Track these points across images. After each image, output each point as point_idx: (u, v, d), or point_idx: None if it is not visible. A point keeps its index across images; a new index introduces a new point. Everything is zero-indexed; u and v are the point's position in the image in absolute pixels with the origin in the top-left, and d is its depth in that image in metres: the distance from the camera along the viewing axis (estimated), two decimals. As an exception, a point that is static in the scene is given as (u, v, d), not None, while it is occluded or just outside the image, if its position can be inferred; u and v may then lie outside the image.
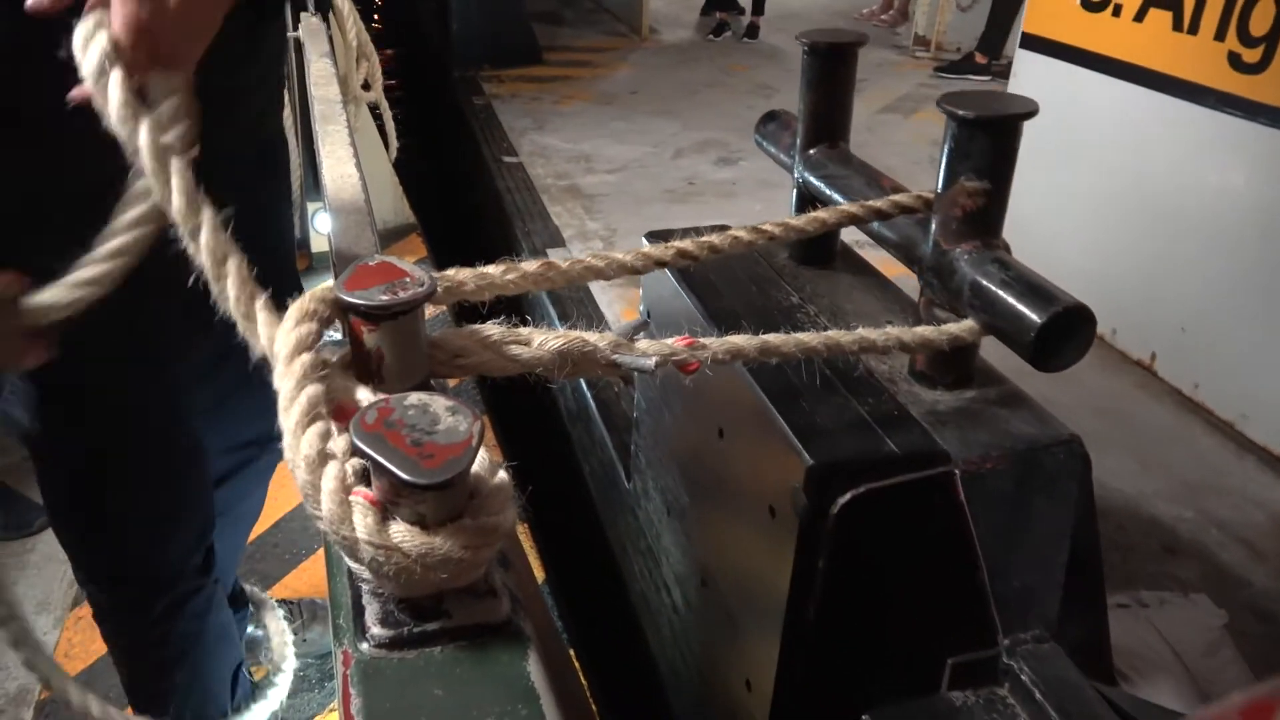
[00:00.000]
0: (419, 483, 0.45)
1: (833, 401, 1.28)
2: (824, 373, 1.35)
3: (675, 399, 1.68)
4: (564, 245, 3.43)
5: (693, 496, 1.65)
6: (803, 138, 1.61)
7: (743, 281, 1.62)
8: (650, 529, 1.93)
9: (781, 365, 1.37)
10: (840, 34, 1.55)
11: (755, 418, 1.32)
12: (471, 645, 0.52)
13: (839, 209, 1.31)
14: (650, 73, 5.90)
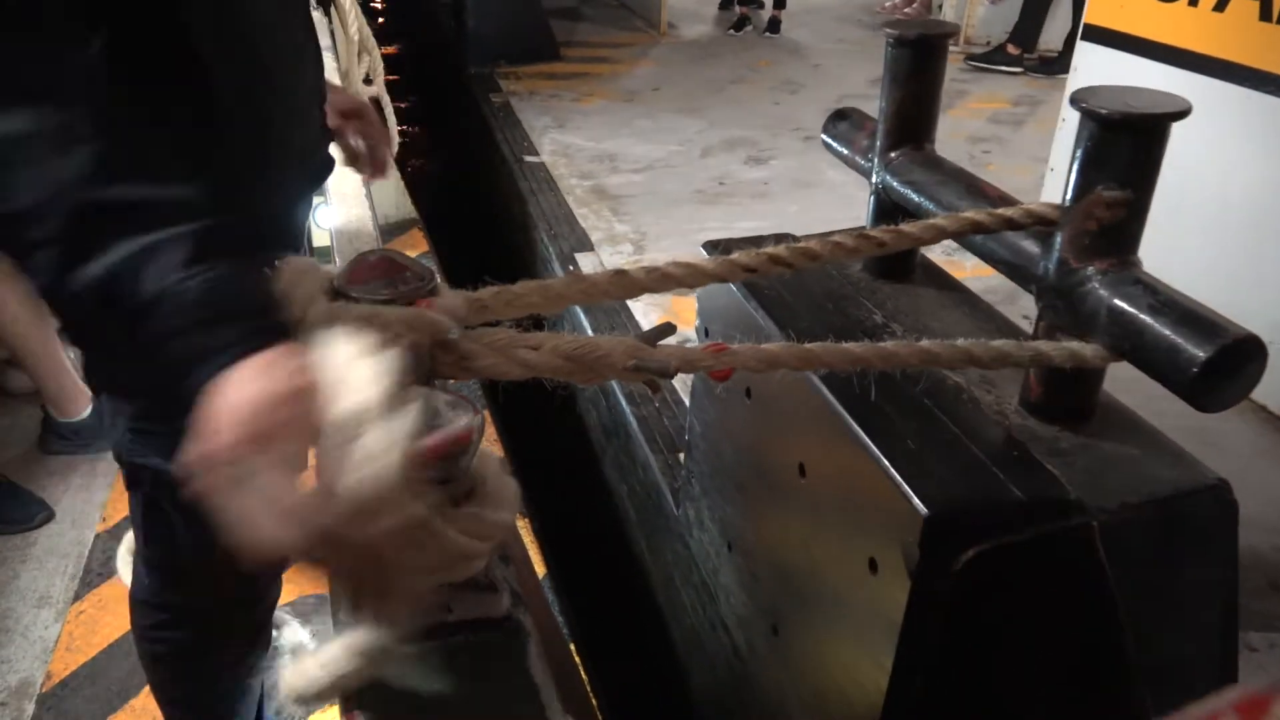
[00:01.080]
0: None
1: (939, 437, 1.12)
2: (923, 403, 1.20)
3: (740, 425, 1.54)
4: (592, 249, 3.29)
5: (762, 535, 1.51)
6: (883, 139, 1.46)
7: (818, 298, 1.48)
8: (705, 562, 1.78)
9: (870, 394, 1.22)
10: (931, 24, 1.40)
11: (848, 455, 1.17)
12: (472, 639, 0.52)
13: (933, 223, 1.15)
14: (672, 69, 5.74)
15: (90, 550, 2.11)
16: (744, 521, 1.57)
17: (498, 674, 0.52)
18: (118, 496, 2.25)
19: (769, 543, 1.49)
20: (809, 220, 3.47)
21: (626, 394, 2.44)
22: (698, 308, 1.72)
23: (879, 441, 1.11)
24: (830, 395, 1.23)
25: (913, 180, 1.40)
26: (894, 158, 1.44)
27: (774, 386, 1.40)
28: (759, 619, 1.54)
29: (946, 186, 1.34)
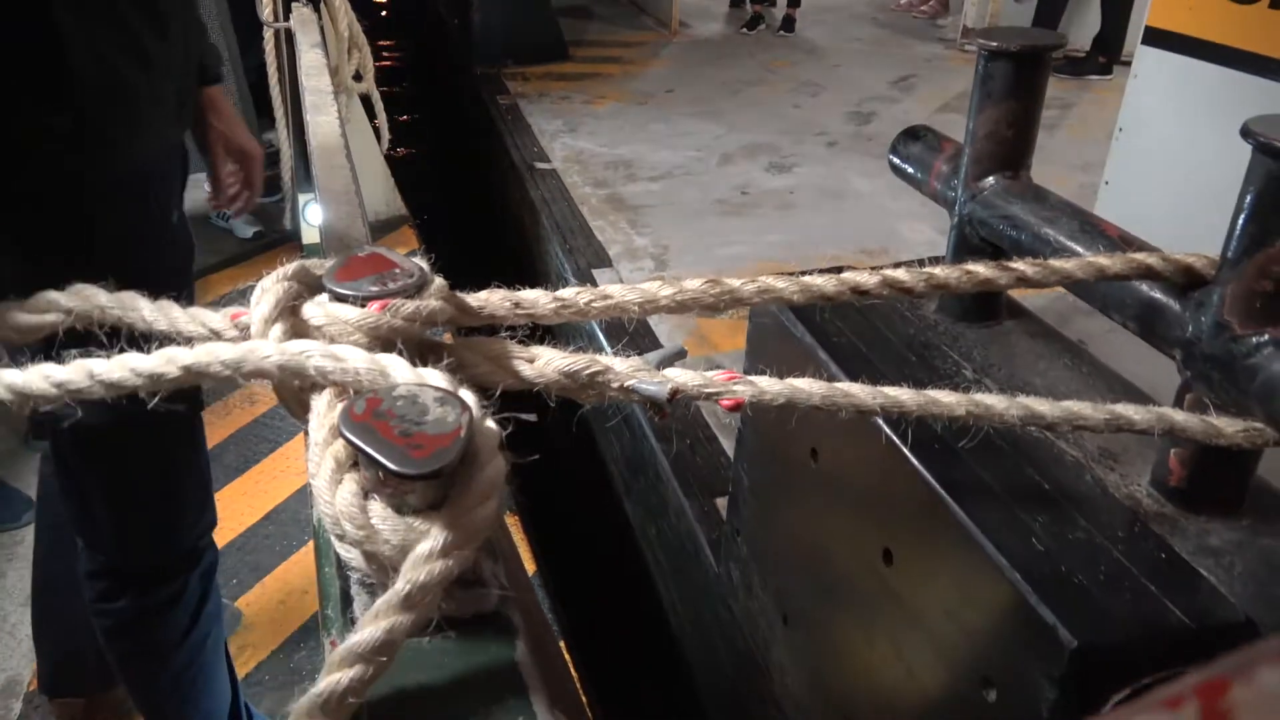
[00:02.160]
0: (407, 473, 0.45)
1: (1070, 535, 0.94)
2: (1037, 481, 1.02)
3: (804, 491, 1.35)
4: (610, 264, 3.09)
5: (830, 616, 1.32)
6: (971, 165, 1.27)
7: (896, 346, 1.29)
8: (754, 632, 1.60)
9: (972, 467, 1.04)
10: (1033, 34, 1.21)
11: (955, 550, 0.98)
12: (460, 635, 0.51)
13: (1051, 264, 0.96)
14: (685, 69, 5.54)
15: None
16: (807, 599, 1.38)
17: (485, 670, 0.51)
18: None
19: (841, 631, 1.30)
20: (840, 234, 3.29)
21: (655, 429, 2.25)
22: (746, 346, 1.53)
23: (998, 539, 0.93)
24: (923, 468, 1.04)
25: (1010, 214, 1.21)
26: (985, 187, 1.26)
27: (849, 451, 1.22)
28: (826, 710, 1.35)
29: (1056, 223, 1.15)
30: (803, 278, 0.78)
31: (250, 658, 1.90)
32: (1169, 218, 2.49)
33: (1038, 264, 0.96)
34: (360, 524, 0.48)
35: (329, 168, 1.54)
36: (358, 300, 0.58)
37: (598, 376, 0.62)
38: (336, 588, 0.61)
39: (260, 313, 0.58)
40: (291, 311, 0.59)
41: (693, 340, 2.62)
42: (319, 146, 1.67)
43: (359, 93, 3.18)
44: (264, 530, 2.22)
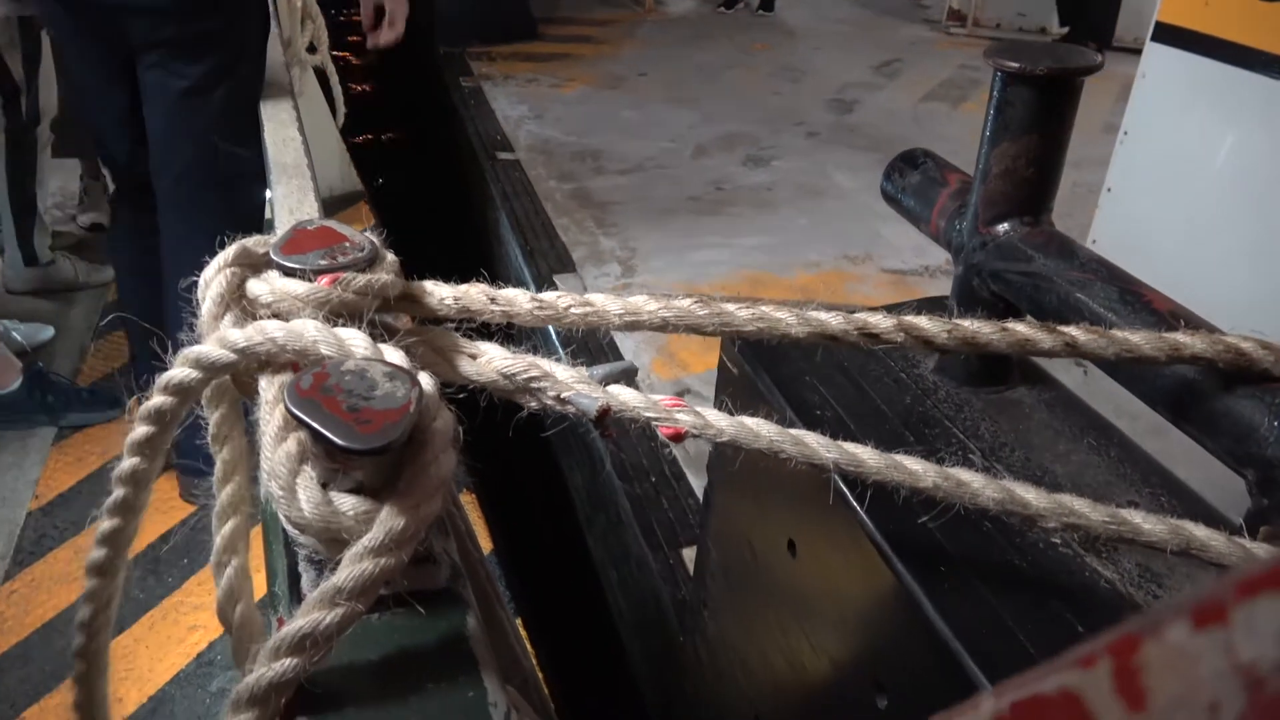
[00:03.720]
0: (353, 448, 0.44)
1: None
2: (1056, 608, 0.82)
3: (782, 592, 1.15)
4: (574, 269, 2.87)
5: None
6: (983, 206, 1.06)
7: (886, 418, 1.08)
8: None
9: (993, 607, 0.84)
10: (1062, 53, 0.99)
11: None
12: (410, 612, 0.50)
13: (1074, 336, 0.79)
14: (660, 51, 5.29)
15: (22, 529, 2.07)
16: (784, 710, 1.18)
17: (435, 646, 0.49)
18: (50, 474, 2.19)
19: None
20: (820, 238, 3.08)
21: (616, 465, 2.04)
22: (717, 379, 1.32)
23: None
24: (913, 581, 0.85)
25: (1031, 271, 1.00)
26: (999, 234, 1.05)
27: (828, 547, 1.02)
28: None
29: (1089, 289, 0.94)
30: (809, 312, 0.71)
31: (202, 638, 1.88)
32: (1178, 229, 2.29)
33: (1096, 332, 0.78)
34: (307, 502, 0.47)
35: (280, 141, 1.50)
36: (306, 274, 0.57)
37: (535, 381, 0.60)
38: (284, 564, 0.61)
39: (207, 310, 0.56)
40: (237, 294, 0.57)
41: (661, 358, 2.41)
42: (270, 120, 1.62)
43: (313, 65, 3.03)
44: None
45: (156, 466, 0.58)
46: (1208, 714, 0.16)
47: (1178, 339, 0.77)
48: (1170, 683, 0.17)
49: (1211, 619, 0.16)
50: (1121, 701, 0.17)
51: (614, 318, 0.66)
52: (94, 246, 3.26)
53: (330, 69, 3.03)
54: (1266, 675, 0.15)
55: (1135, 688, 0.17)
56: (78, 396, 2.44)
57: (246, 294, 0.57)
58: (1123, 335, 0.78)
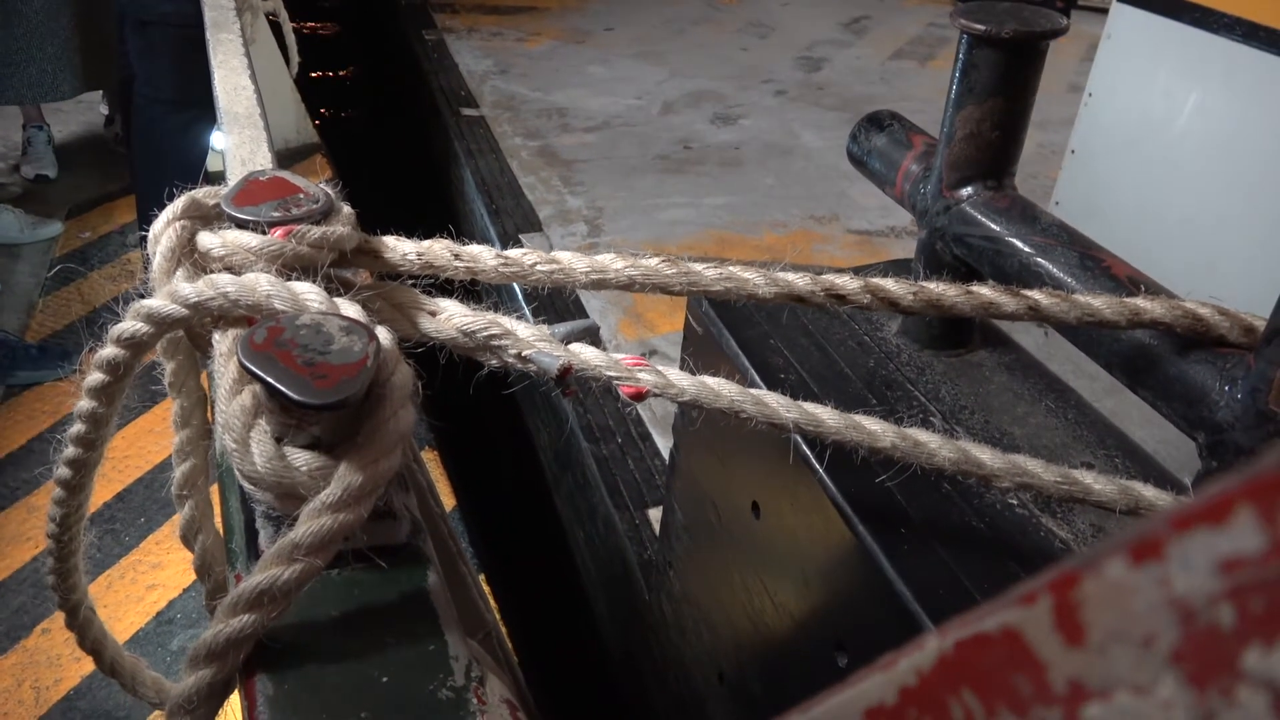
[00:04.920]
0: (310, 403, 0.43)
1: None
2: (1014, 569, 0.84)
3: (746, 553, 1.16)
4: (540, 229, 2.84)
5: (770, 690, 1.14)
6: (948, 170, 1.06)
7: (850, 380, 1.09)
8: (687, 680, 1.42)
9: (951, 569, 0.86)
10: (1027, 15, 0.99)
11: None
12: (370, 567, 0.50)
13: (1037, 300, 0.81)
14: (627, 4, 5.21)
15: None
16: (741, 662, 1.20)
17: (395, 601, 0.49)
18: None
19: (777, 697, 1.13)
20: (788, 197, 3.07)
21: (582, 425, 2.04)
22: (683, 339, 1.32)
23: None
24: (874, 543, 0.87)
25: (993, 235, 1.01)
26: (963, 197, 1.05)
27: (791, 509, 1.03)
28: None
29: (1051, 254, 0.95)
30: (777, 273, 0.71)
31: (161, 597, 1.87)
32: (1140, 192, 2.32)
33: (1058, 296, 0.80)
34: (260, 456, 0.46)
35: (231, 90, 1.46)
36: (259, 226, 0.56)
37: (496, 339, 0.59)
38: (240, 520, 0.57)
39: (158, 265, 0.55)
40: (188, 248, 0.56)
41: (628, 319, 2.40)
42: (220, 67, 1.57)
43: (265, 11, 2.92)
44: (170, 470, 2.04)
45: (114, 410, 0.57)
46: (1143, 646, 0.16)
47: (1138, 304, 0.78)
48: (1107, 617, 0.17)
49: (1148, 554, 0.16)
50: (1060, 636, 0.18)
51: (580, 276, 0.66)
52: (39, 199, 3.15)
53: (283, 16, 2.93)
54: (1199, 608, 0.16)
55: (1074, 623, 0.17)
56: (26, 353, 2.39)
57: (197, 247, 0.56)
58: (1084, 300, 0.79)
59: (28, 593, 1.86)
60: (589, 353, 0.61)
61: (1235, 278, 2.13)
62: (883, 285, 0.75)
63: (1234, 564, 0.15)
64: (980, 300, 0.78)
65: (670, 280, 0.67)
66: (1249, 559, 0.15)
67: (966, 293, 0.79)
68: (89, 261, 2.85)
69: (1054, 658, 0.18)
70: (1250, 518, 0.15)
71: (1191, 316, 0.76)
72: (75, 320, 2.59)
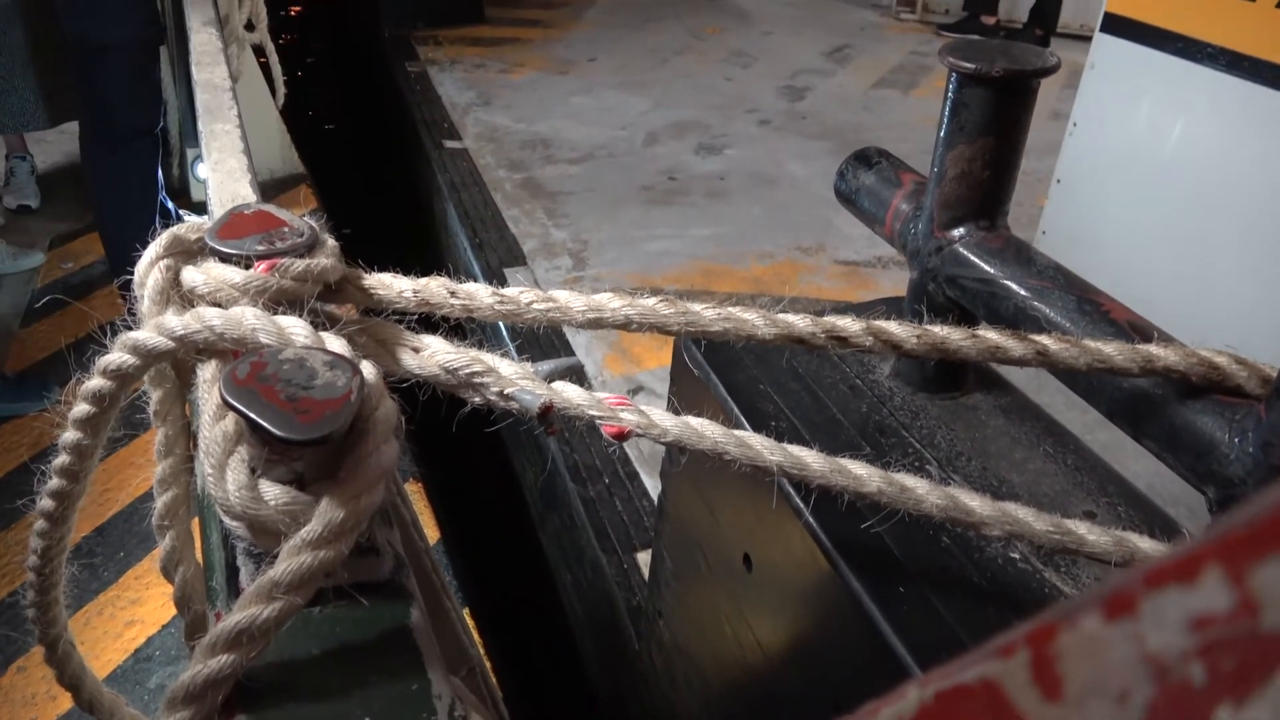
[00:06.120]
0: (292, 438, 0.42)
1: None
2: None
3: (734, 603, 1.12)
4: (525, 263, 2.81)
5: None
6: (939, 210, 1.04)
7: (842, 427, 1.06)
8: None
9: (953, 629, 0.82)
10: (1017, 53, 0.97)
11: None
12: (352, 604, 0.49)
13: (1043, 343, 0.79)
14: (610, 34, 5.22)
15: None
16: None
17: (378, 638, 0.49)
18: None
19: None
20: (774, 227, 3.05)
21: (568, 464, 2.00)
22: (670, 378, 1.28)
23: None
24: (872, 604, 0.83)
25: (987, 278, 0.98)
26: (955, 238, 1.02)
27: (785, 563, 0.99)
28: None
29: (1047, 297, 0.92)
30: (776, 314, 0.70)
31: (139, 633, 1.83)
32: (1127, 221, 2.31)
33: (1068, 341, 0.78)
34: (233, 484, 0.46)
35: (216, 121, 1.47)
36: (243, 260, 0.56)
37: (478, 377, 0.59)
38: (221, 558, 0.57)
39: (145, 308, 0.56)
40: (174, 285, 0.56)
41: (614, 354, 2.37)
42: (205, 98, 1.57)
43: (251, 43, 2.93)
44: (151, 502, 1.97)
45: (99, 441, 0.57)
46: (1118, 701, 0.17)
47: (1150, 350, 0.76)
48: (1083, 671, 0.17)
49: (1122, 610, 0.17)
50: (1038, 689, 0.18)
51: (577, 314, 0.65)
52: (21, 229, 3.11)
53: (270, 47, 2.93)
54: (1172, 664, 0.16)
55: (1051, 676, 0.18)
56: (5, 385, 2.34)
57: (181, 284, 0.56)
58: (1095, 345, 0.76)
59: (3, 630, 1.80)
60: (571, 391, 0.61)
61: (1223, 307, 2.11)
62: (885, 328, 0.73)
63: (1204, 622, 0.16)
64: (986, 345, 0.76)
65: (668, 320, 0.66)
66: (1219, 617, 0.15)
67: (972, 336, 0.77)
68: (71, 292, 2.80)
69: (1032, 710, 0.18)
70: (1219, 576, 0.15)
71: (1207, 364, 0.73)
72: (56, 351, 2.54)
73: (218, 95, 1.59)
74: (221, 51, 1.86)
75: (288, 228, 0.59)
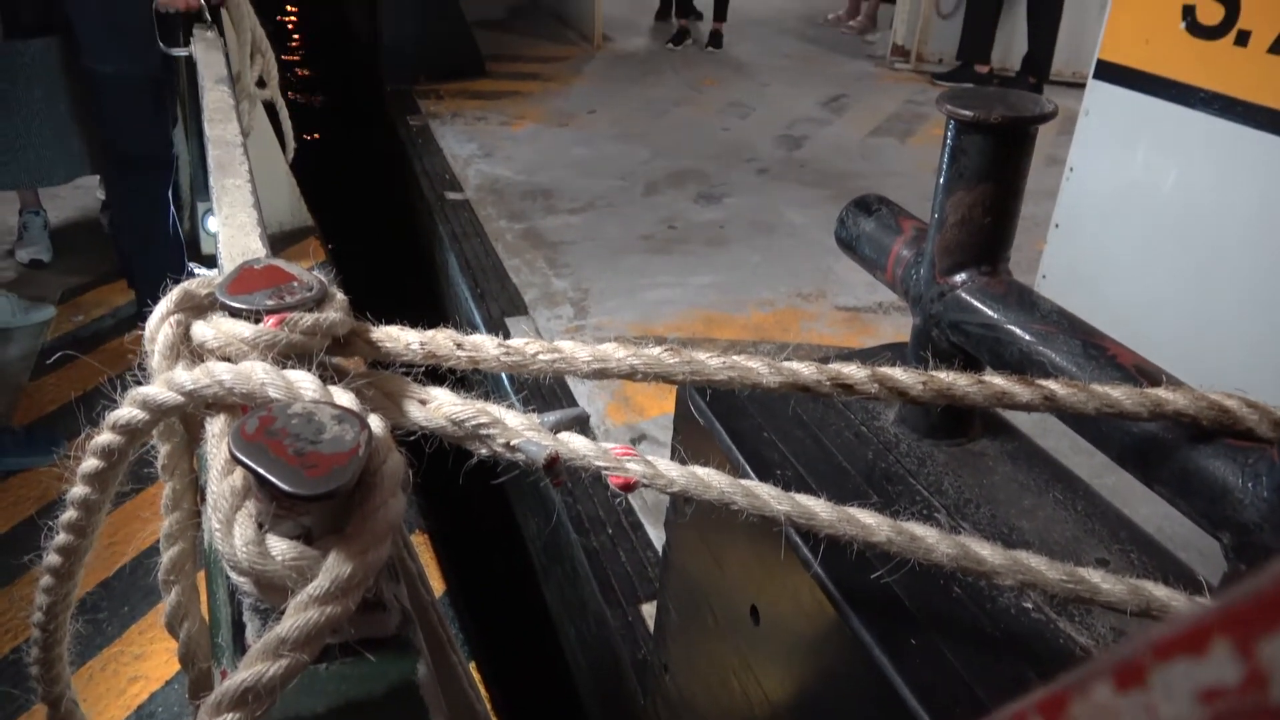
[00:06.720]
0: (299, 493, 0.43)
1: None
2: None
3: (741, 658, 1.10)
4: (526, 312, 2.82)
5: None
6: (940, 256, 1.04)
7: (849, 475, 1.04)
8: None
9: (967, 684, 0.80)
10: (1013, 100, 0.98)
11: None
12: (358, 660, 0.49)
13: (1044, 388, 0.79)
14: (609, 87, 5.29)
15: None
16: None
17: (384, 695, 0.49)
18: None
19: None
20: (774, 272, 3.07)
21: (571, 515, 1.98)
22: (673, 427, 1.27)
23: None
24: (884, 656, 0.81)
25: (991, 323, 0.98)
26: (957, 284, 1.02)
27: (793, 616, 0.97)
28: None
29: (1053, 342, 0.92)
30: (782, 362, 0.70)
31: (143, 689, 1.80)
32: (1126, 264, 2.31)
33: (1075, 386, 0.77)
34: (240, 539, 0.46)
35: (227, 176, 1.48)
36: (252, 315, 0.56)
37: (485, 428, 0.59)
38: (227, 614, 0.54)
39: (156, 363, 0.56)
40: (185, 340, 0.57)
41: (616, 403, 2.36)
42: (217, 153, 1.58)
43: (262, 99, 2.99)
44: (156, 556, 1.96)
45: (108, 496, 0.57)
46: None
47: (1160, 395, 0.75)
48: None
49: (1132, 680, 0.17)
50: None
51: (583, 365, 0.66)
52: (33, 283, 3.13)
53: (280, 103, 3.01)
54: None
55: None
56: (13, 438, 2.33)
57: (192, 339, 0.57)
58: (1103, 390, 0.75)
59: (4, 687, 1.77)
60: (578, 442, 0.61)
61: (1226, 349, 2.11)
62: (891, 375, 0.73)
63: (1214, 694, 0.16)
64: (993, 390, 0.75)
65: (673, 370, 0.66)
66: (1228, 689, 0.15)
67: (979, 382, 0.76)
68: (80, 344, 2.81)
69: None
70: (1227, 649, 0.16)
71: (1217, 408, 0.72)
72: (65, 403, 2.54)
73: (229, 151, 1.62)
74: (233, 108, 1.89)
75: (297, 282, 0.59)
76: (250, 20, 2.74)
